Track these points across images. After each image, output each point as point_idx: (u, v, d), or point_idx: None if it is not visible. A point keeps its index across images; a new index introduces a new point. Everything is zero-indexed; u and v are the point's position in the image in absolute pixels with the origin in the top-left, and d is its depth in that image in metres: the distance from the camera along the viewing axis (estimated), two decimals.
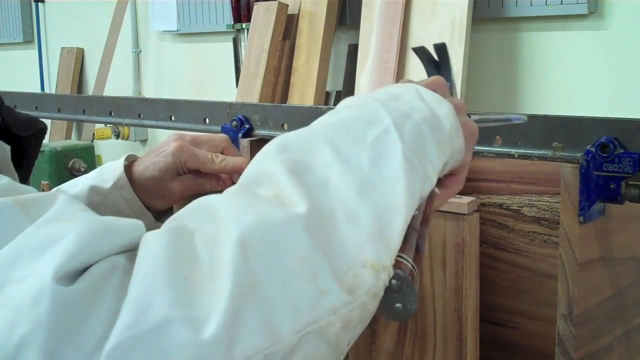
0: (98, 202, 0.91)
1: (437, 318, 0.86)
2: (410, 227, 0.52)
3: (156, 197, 0.93)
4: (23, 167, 0.73)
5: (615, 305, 0.82)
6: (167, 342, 0.40)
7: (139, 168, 0.93)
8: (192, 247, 0.44)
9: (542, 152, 0.81)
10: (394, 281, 0.49)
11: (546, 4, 2.28)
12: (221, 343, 0.40)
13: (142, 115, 1.23)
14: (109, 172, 0.92)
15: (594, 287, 0.78)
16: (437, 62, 0.76)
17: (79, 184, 0.93)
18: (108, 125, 3.57)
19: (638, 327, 0.87)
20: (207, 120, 1.14)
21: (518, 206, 0.90)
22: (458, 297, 0.84)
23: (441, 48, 0.75)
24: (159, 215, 0.95)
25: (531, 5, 2.31)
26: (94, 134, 3.72)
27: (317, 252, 0.45)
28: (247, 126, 1.08)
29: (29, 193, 0.48)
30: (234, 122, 1.08)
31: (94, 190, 0.91)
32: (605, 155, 0.74)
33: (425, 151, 0.56)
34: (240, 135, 1.08)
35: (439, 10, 2.34)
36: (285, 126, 1.05)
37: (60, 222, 0.45)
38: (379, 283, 0.47)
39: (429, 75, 0.75)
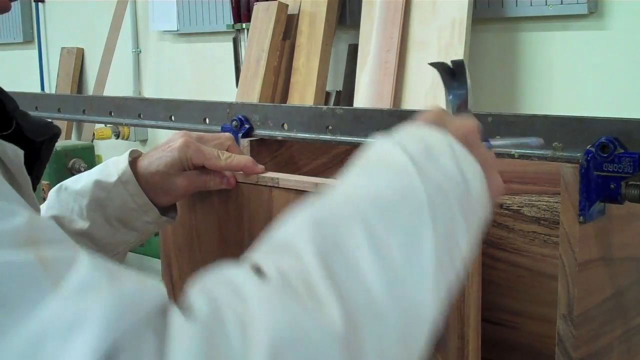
0: (102, 196, 0.92)
1: None
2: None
3: (160, 192, 0.93)
4: (34, 170, 0.73)
5: (615, 305, 0.82)
6: None
7: (143, 162, 0.93)
8: (223, 345, 0.43)
9: (542, 152, 0.81)
10: None
11: (546, 4, 2.28)
12: None
13: (142, 115, 1.23)
14: (113, 166, 0.93)
15: (594, 287, 0.78)
16: (454, 73, 0.76)
17: (82, 179, 0.93)
18: (108, 125, 3.58)
19: (638, 327, 0.87)
20: (207, 120, 1.14)
21: (518, 206, 0.90)
22: (460, 295, 0.84)
23: (459, 65, 0.76)
24: (163, 210, 0.96)
25: (531, 5, 2.31)
26: (94, 134, 3.72)
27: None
28: (247, 126, 1.08)
29: (48, 231, 0.46)
30: (234, 122, 1.08)
31: (98, 184, 0.92)
32: (605, 155, 0.74)
33: (457, 239, 0.54)
34: (240, 135, 1.08)
35: (439, 10, 2.34)
36: (285, 126, 1.05)
37: (86, 293, 0.43)
38: None
39: (448, 87, 0.75)
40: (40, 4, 4.34)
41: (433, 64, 0.77)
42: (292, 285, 0.46)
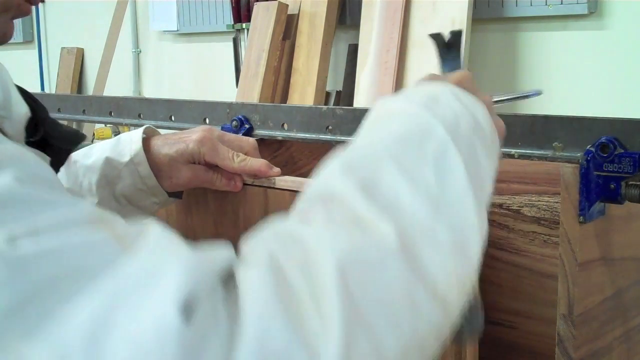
0: (113, 174, 0.91)
1: None
2: None
3: (164, 176, 0.92)
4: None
5: (615, 305, 0.82)
6: None
7: (157, 142, 0.93)
8: (289, 278, 0.44)
9: (542, 152, 0.81)
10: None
11: (546, 4, 2.28)
12: None
13: (142, 115, 1.23)
14: (126, 145, 0.92)
15: (594, 287, 0.78)
16: (450, 48, 0.76)
17: (94, 154, 0.93)
18: (108, 125, 3.57)
19: (638, 327, 0.87)
20: (207, 120, 1.14)
21: (518, 206, 0.90)
22: None
23: (456, 35, 0.77)
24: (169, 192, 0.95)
25: (531, 5, 2.31)
26: (94, 134, 3.72)
27: (410, 276, 0.46)
28: (247, 126, 1.08)
29: (110, 214, 0.48)
30: (234, 122, 1.08)
31: (109, 162, 0.91)
32: (605, 155, 0.74)
33: (480, 162, 0.56)
34: (240, 135, 1.08)
35: (439, 10, 2.34)
36: (285, 126, 1.05)
37: (160, 252, 0.45)
38: (464, 297, 0.50)
39: (442, 58, 0.76)
40: (40, 4, 4.34)
41: (432, 36, 0.77)
42: (342, 220, 0.49)
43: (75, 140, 0.73)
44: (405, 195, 0.50)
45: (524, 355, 0.90)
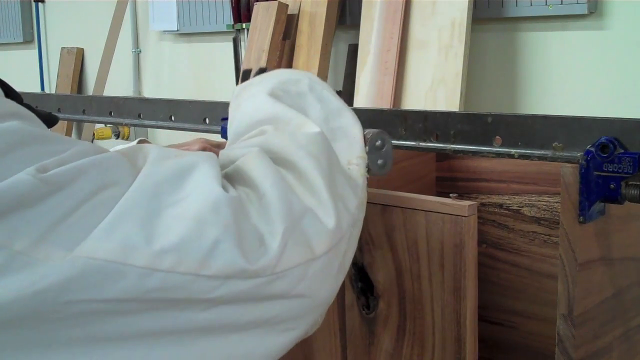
0: None
1: (436, 319, 0.86)
2: None
3: None
4: None
5: (615, 305, 0.82)
6: (309, 226, 0.57)
7: None
8: (279, 169, 0.59)
9: (542, 152, 0.81)
10: (378, 142, 0.74)
11: (546, 4, 2.28)
12: (339, 226, 0.59)
13: (142, 115, 1.23)
14: None
15: (594, 287, 0.78)
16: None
17: None
18: (108, 125, 3.58)
19: (638, 327, 0.87)
20: (207, 120, 1.14)
21: (518, 206, 0.91)
22: (456, 298, 0.84)
23: (261, 71, 0.87)
24: None
25: (531, 5, 2.31)
26: (94, 134, 3.72)
27: (339, 156, 0.67)
28: None
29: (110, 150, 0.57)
30: None
31: None
32: (605, 155, 0.74)
33: (337, 95, 0.76)
34: None
35: (439, 10, 2.34)
36: None
37: (171, 158, 0.55)
38: (366, 162, 0.71)
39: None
40: (40, 4, 4.34)
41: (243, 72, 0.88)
42: (292, 127, 0.67)
43: (50, 120, 0.76)
44: (308, 112, 0.71)
45: (524, 355, 0.90)
